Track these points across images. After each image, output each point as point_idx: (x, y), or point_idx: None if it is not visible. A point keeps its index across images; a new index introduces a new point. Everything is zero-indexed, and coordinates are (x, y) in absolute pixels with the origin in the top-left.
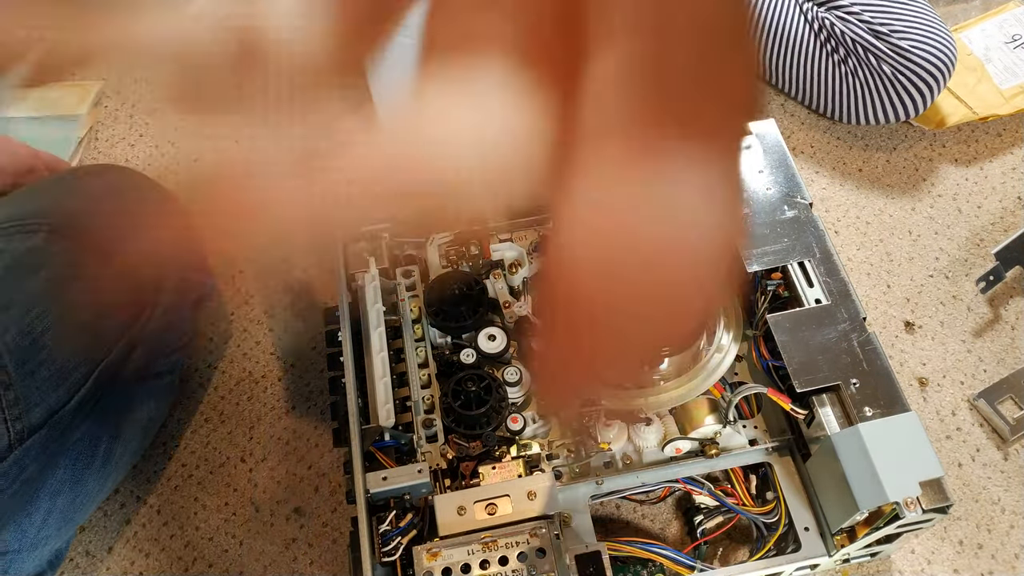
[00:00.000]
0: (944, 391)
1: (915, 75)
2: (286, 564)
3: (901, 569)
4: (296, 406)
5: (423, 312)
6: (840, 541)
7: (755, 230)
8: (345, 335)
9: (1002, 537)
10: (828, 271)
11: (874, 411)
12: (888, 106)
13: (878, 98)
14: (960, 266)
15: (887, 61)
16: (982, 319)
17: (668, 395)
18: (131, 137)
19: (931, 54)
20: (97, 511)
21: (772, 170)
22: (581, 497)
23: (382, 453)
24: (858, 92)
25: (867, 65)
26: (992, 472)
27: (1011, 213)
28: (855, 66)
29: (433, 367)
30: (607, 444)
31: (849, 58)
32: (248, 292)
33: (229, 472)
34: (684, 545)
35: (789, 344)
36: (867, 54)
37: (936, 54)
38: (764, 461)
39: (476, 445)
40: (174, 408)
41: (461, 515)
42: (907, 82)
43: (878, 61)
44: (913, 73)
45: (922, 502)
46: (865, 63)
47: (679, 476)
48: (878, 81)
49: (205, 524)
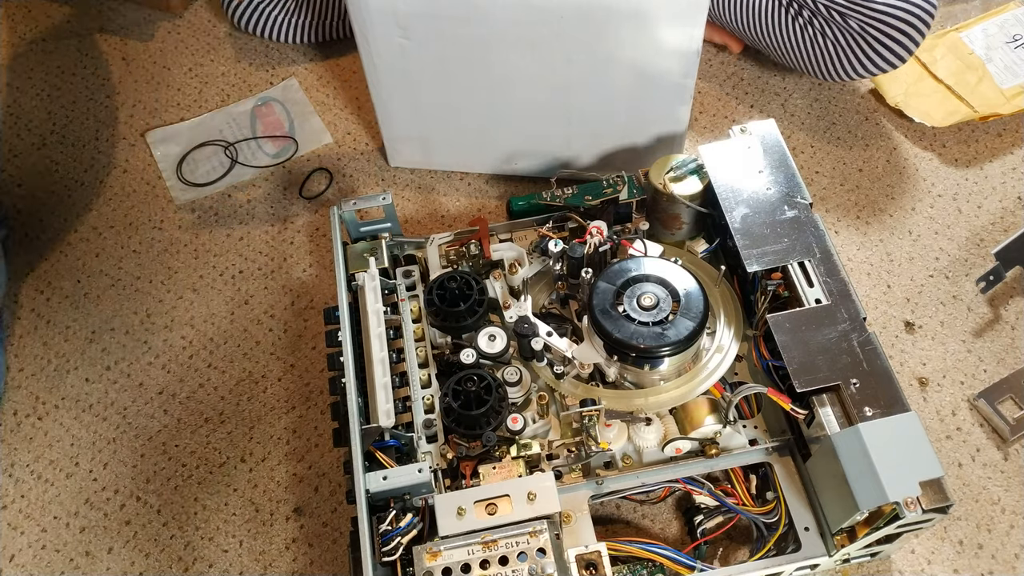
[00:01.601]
0: (944, 391)
1: (886, 25)
2: (286, 564)
3: (901, 569)
4: (296, 406)
5: (423, 312)
6: (840, 541)
7: (755, 230)
8: (345, 335)
9: (1002, 537)
10: (828, 271)
11: (874, 411)
12: (865, 59)
13: (852, 54)
14: (960, 266)
15: (853, 15)
16: (982, 319)
17: (668, 395)
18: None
19: (899, 4)
20: (97, 511)
21: (772, 170)
22: (581, 497)
23: (382, 453)
24: (829, 51)
25: (832, 23)
26: (992, 472)
27: (1011, 213)
28: (822, 26)
29: (433, 367)
30: (607, 444)
31: (815, 19)
32: (248, 292)
33: (229, 472)
34: (684, 545)
35: (789, 344)
36: (830, 11)
37: (905, 4)
38: (764, 461)
39: (476, 445)
40: (174, 408)
41: (461, 515)
42: (879, 33)
43: (843, 17)
44: (883, 23)
45: (922, 502)
46: (831, 20)
47: (679, 476)
48: (848, 38)
49: (205, 524)
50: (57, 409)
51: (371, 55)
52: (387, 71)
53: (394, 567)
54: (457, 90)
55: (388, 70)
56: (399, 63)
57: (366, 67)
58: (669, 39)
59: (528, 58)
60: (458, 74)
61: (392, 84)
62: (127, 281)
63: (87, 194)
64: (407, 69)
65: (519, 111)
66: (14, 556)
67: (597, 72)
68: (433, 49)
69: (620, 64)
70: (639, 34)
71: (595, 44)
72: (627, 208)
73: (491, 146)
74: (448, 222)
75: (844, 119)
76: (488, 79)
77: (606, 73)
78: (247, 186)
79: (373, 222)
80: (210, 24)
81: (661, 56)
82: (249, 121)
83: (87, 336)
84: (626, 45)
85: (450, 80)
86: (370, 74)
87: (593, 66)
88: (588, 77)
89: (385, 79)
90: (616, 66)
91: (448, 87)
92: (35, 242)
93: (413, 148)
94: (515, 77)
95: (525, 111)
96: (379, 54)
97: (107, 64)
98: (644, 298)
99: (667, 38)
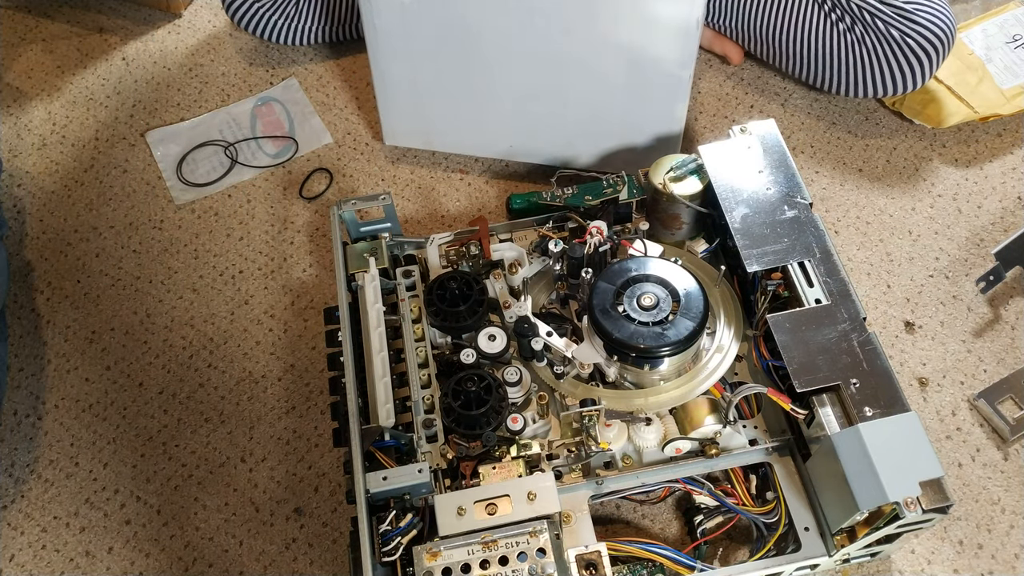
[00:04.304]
0: (944, 391)
1: (923, 37)
2: (286, 564)
3: (901, 569)
4: (296, 406)
5: (423, 312)
6: (840, 541)
7: (755, 230)
8: (345, 335)
9: (1002, 537)
10: (828, 271)
11: (874, 411)
12: (897, 73)
13: (887, 65)
14: (960, 266)
15: (895, 25)
16: (982, 319)
17: (668, 395)
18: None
19: (936, 16)
20: (97, 511)
21: (772, 170)
22: (581, 497)
23: (382, 453)
24: (866, 60)
25: (874, 30)
26: (992, 472)
27: (1011, 213)
28: (862, 33)
29: (433, 367)
30: (607, 444)
31: (856, 25)
32: (248, 292)
33: (229, 472)
34: (684, 545)
35: (789, 344)
36: (874, 19)
37: (940, 16)
38: (764, 461)
39: (476, 445)
40: (174, 408)
41: (461, 515)
42: (915, 45)
43: (886, 26)
44: (920, 36)
45: (922, 502)
46: (872, 28)
47: (679, 476)
48: (887, 47)
49: (205, 524)
50: (57, 409)
51: (372, 17)
52: (388, 38)
53: (394, 567)
54: (456, 64)
55: (389, 37)
56: (400, 30)
57: (367, 33)
58: (666, 17)
59: (526, 31)
60: (457, 46)
61: (392, 54)
62: (127, 281)
63: (87, 194)
64: (407, 37)
65: (516, 89)
66: (14, 556)
67: (594, 50)
68: (434, 14)
69: (617, 45)
70: (635, 13)
71: (594, 20)
72: (627, 208)
73: (489, 128)
74: (448, 222)
75: (844, 119)
76: (486, 52)
77: (603, 53)
78: (247, 186)
79: (373, 222)
80: (210, 24)
81: (658, 37)
82: (249, 121)
83: (87, 336)
84: (623, 23)
85: (450, 51)
86: (371, 41)
87: (591, 44)
88: (586, 56)
89: (385, 48)
90: (613, 47)
91: (447, 60)
92: (35, 242)
93: (411, 126)
94: (513, 51)
95: (522, 90)
96: (379, 15)
97: (107, 64)
98: (644, 298)
99: (664, 16)
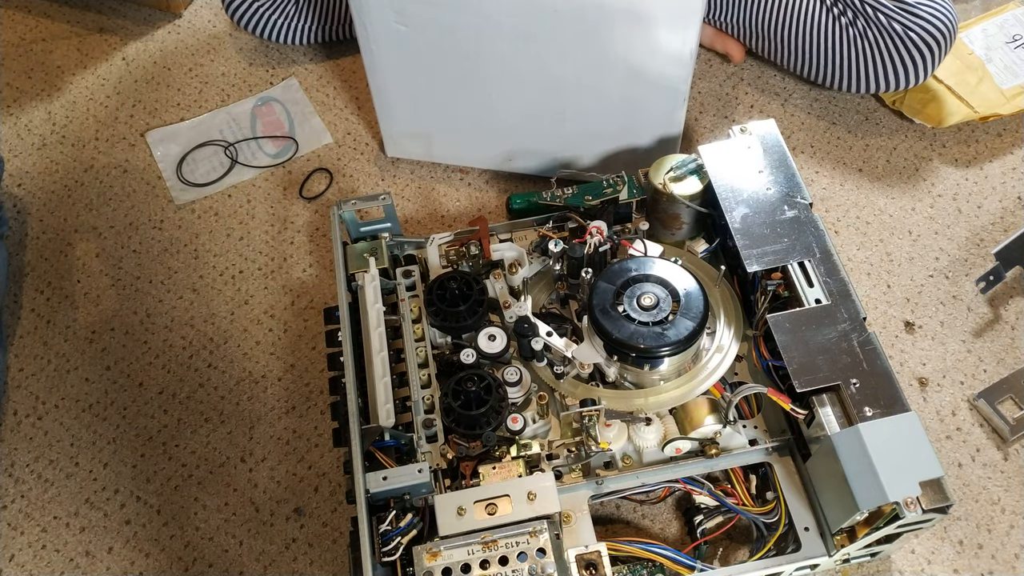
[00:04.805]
0: (944, 391)
1: (925, 32)
2: (286, 564)
3: (901, 569)
4: (296, 406)
5: (423, 312)
6: (840, 541)
7: (755, 230)
8: (345, 335)
9: (1002, 537)
10: (828, 271)
11: (874, 411)
12: (899, 67)
13: (889, 59)
14: (960, 266)
15: (897, 19)
16: (982, 319)
17: (668, 395)
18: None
19: (938, 10)
20: (97, 511)
21: (772, 170)
22: (581, 497)
23: (382, 453)
24: (868, 55)
25: (877, 25)
26: (992, 472)
27: (1011, 213)
28: (864, 27)
29: (433, 367)
30: (607, 444)
31: (858, 19)
32: (248, 292)
33: (229, 472)
34: (684, 545)
35: (789, 344)
36: (876, 14)
37: (942, 11)
38: (764, 461)
39: (476, 445)
40: (174, 408)
41: (461, 515)
42: (918, 39)
43: (888, 20)
44: (923, 29)
45: (922, 502)
46: (875, 23)
47: (679, 476)
48: (889, 41)
49: (205, 524)
50: (57, 409)
51: (369, 41)
52: (385, 58)
53: (394, 567)
54: (453, 81)
55: (386, 57)
56: (396, 51)
57: (364, 54)
58: (663, 41)
59: (522, 50)
60: (454, 64)
61: (389, 72)
62: (127, 281)
63: (87, 194)
64: (404, 57)
65: (514, 105)
66: (14, 556)
67: (592, 69)
68: (430, 36)
69: (614, 64)
70: (632, 34)
71: (589, 41)
72: (627, 208)
73: (488, 141)
74: (448, 222)
75: (844, 119)
76: (483, 70)
77: (600, 71)
78: (247, 186)
79: (373, 222)
80: (210, 24)
81: (655, 59)
82: (249, 121)
83: (87, 336)
84: (619, 43)
85: (447, 70)
86: (368, 61)
87: (587, 63)
88: (583, 75)
89: (382, 67)
90: (610, 66)
91: (445, 77)
92: (35, 242)
93: (410, 139)
94: (510, 70)
95: (520, 106)
96: (376, 40)
97: (107, 64)
98: (644, 298)
99: (661, 39)
